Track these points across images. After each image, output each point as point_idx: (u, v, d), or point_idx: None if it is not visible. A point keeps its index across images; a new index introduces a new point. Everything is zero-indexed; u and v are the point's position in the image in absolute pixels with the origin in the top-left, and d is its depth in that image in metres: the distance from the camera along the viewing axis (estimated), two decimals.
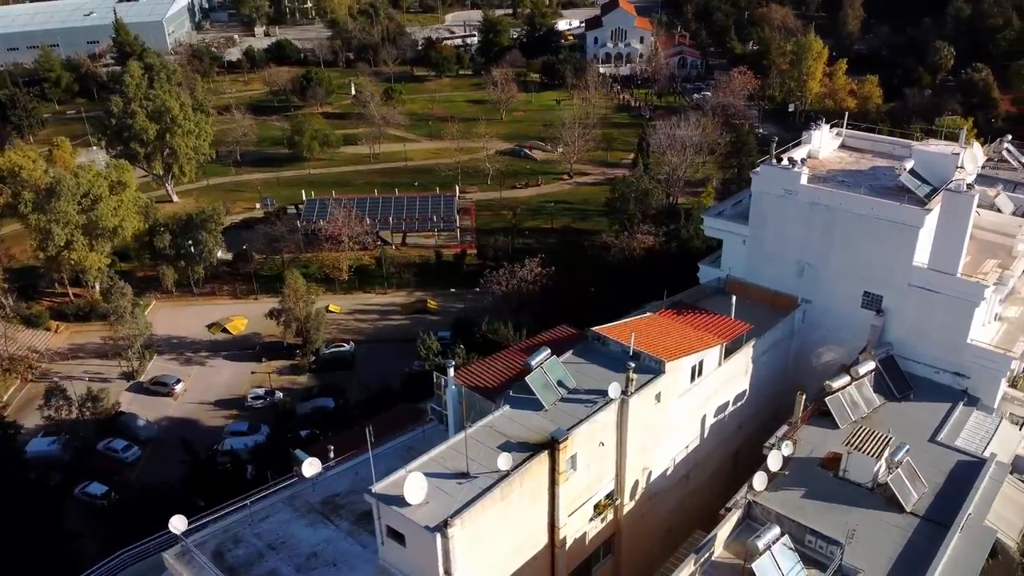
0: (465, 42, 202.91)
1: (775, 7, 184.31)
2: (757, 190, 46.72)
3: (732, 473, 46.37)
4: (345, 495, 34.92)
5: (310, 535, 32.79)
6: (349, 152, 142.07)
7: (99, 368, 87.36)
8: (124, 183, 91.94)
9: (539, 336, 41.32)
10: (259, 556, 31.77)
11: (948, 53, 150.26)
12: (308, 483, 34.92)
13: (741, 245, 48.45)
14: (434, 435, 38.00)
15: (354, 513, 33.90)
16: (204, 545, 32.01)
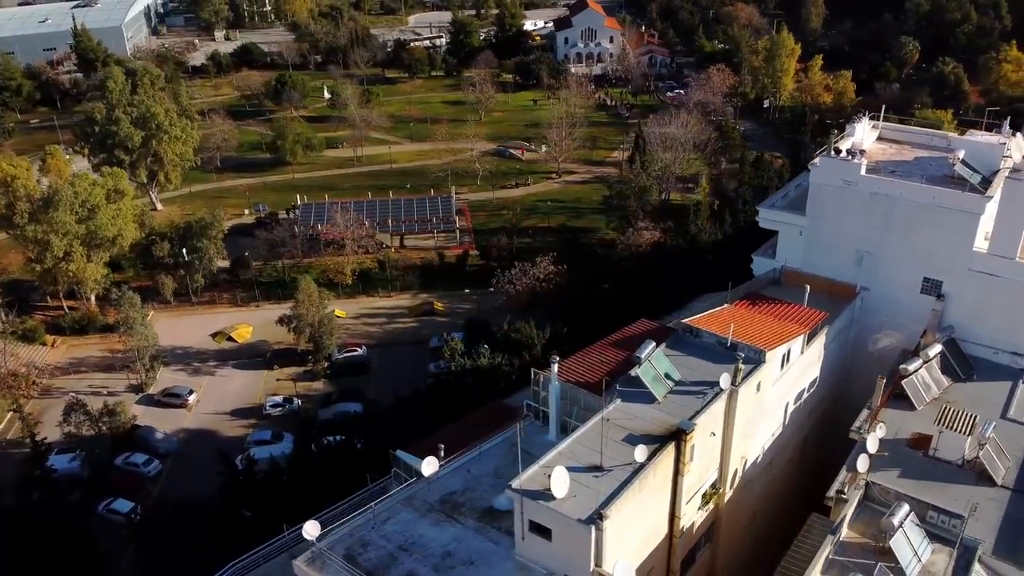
0: (434, 43, 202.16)
1: (741, 5, 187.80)
2: (816, 182, 47.87)
3: (801, 459, 47.48)
4: (462, 493, 34.81)
5: (438, 535, 32.63)
6: (331, 155, 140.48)
7: (103, 382, 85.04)
8: (121, 191, 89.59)
9: (624, 330, 41.59)
10: (392, 558, 31.51)
11: (913, 48, 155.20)
12: (424, 483, 34.71)
13: (797, 236, 49.55)
14: (533, 432, 38.10)
15: (476, 511, 33.83)
16: (333, 550, 31.61)
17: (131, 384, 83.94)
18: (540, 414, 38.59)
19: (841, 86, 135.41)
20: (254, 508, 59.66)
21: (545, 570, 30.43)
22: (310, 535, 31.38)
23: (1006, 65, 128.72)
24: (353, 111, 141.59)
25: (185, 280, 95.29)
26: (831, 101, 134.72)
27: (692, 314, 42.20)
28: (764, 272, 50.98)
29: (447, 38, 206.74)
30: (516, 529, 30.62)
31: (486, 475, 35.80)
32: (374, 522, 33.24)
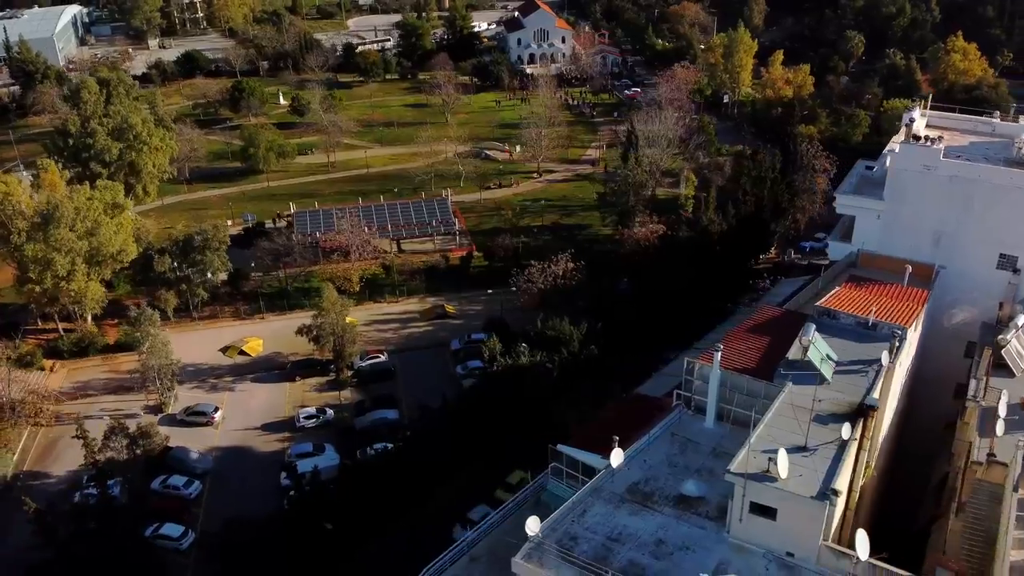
0: (383, 47, 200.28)
1: (687, 4, 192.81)
2: (896, 167, 50.23)
3: (895, 434, 49.73)
4: (645, 482, 35.28)
5: (641, 524, 33.06)
6: (303, 162, 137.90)
7: (116, 404, 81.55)
8: (120, 205, 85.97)
9: (754, 317, 42.78)
10: (607, 549, 31.77)
11: (859, 41, 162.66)
12: (608, 475, 35.08)
13: (874, 220, 51.82)
14: (688, 421, 38.93)
15: (668, 498, 34.39)
16: (547, 545, 31.71)
17: (147, 405, 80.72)
18: (690, 402, 39.39)
19: (800, 80, 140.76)
20: (331, 520, 58.81)
21: (764, 550, 31.26)
22: (531, 531, 31.36)
23: (954, 55, 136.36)
24: (322, 116, 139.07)
25: (184, 295, 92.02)
26: (792, 94, 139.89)
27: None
28: (843, 256, 53.01)
29: (394, 41, 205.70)
30: (733, 511, 31.34)
31: (660, 464, 36.41)
32: (573, 516, 33.41)
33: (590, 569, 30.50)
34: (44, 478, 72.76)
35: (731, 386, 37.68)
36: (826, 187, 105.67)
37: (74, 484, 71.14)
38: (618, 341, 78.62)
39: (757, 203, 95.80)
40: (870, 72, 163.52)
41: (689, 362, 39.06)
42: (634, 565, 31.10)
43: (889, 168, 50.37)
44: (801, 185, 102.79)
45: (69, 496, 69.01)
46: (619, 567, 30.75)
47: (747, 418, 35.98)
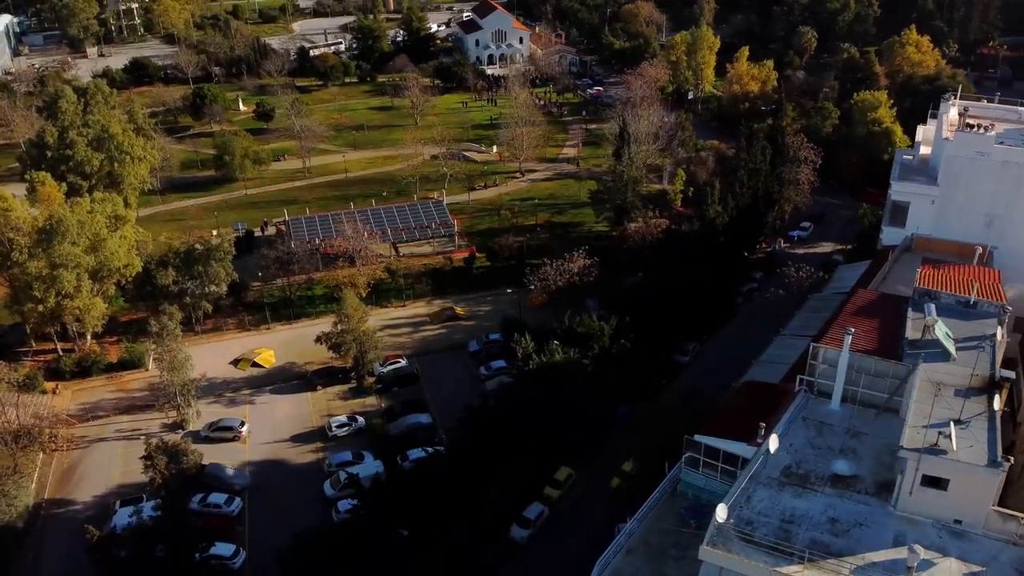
0: (337, 50, 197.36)
1: (640, 3, 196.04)
2: (950, 154, 52.67)
3: None
4: (797, 465, 36.30)
5: (808, 504, 34.04)
6: (277, 169, 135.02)
7: (132, 424, 78.70)
8: (122, 216, 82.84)
9: (854, 301, 44.25)
10: (785, 531, 32.64)
11: (812, 37, 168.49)
12: (761, 461, 35.94)
13: (928, 205, 54.22)
14: (815, 405, 40.11)
15: (823, 479, 35.47)
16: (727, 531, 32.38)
17: (166, 423, 78.06)
18: (813, 386, 40.59)
19: (764, 75, 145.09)
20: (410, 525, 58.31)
21: (931, 520, 32.63)
22: (720, 518, 31.95)
23: (909, 47, 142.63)
24: (294, 121, 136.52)
25: (187, 309, 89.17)
26: (757, 90, 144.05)
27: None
28: (898, 241, 55.23)
29: (346, 44, 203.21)
30: (903, 485, 32.60)
31: (804, 447, 37.49)
32: (740, 502, 34.16)
33: (778, 550, 31.29)
34: (69, 505, 69.64)
35: (858, 368, 38.98)
36: (812, 178, 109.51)
37: (103, 509, 68.42)
38: (641, 335, 79.95)
39: (753, 195, 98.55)
40: (825, 66, 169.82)
41: (814, 347, 40.20)
42: (817, 543, 32.05)
43: (944, 156, 52.70)
44: (787, 176, 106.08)
45: (102, 521, 66.32)
46: (803, 546, 31.64)
47: (874, 399, 37.46)
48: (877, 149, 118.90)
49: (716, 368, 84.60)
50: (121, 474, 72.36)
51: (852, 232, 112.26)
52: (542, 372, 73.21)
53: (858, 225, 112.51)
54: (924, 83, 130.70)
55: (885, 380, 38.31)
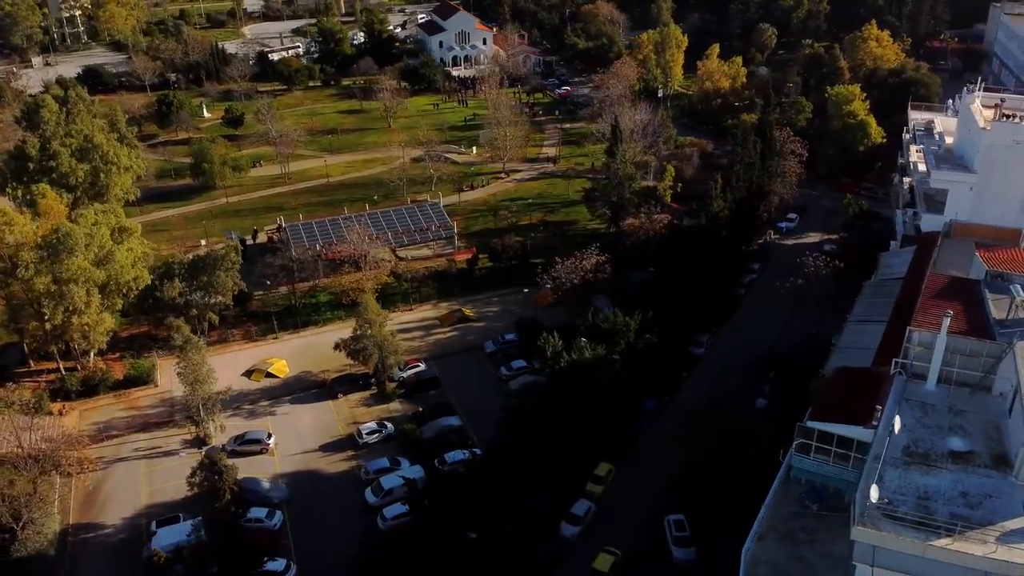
0: (296, 54, 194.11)
1: (600, 3, 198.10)
2: (988, 143, 54.99)
3: None
4: (914, 443, 37.50)
5: (937, 481, 35.18)
6: (256, 175, 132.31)
7: (150, 442, 76.22)
8: (127, 228, 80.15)
9: (928, 285, 45.81)
10: (925, 508, 33.65)
11: (771, 33, 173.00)
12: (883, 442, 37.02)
13: (966, 192, 56.52)
14: (912, 387, 41.49)
15: (942, 455, 36.75)
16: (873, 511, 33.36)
17: (186, 440, 75.87)
18: (910, 369, 41.94)
19: (734, 71, 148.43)
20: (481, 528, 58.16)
21: None
22: (874, 498, 32.83)
23: (871, 42, 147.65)
24: (271, 127, 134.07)
25: (192, 321, 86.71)
26: (728, 86, 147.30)
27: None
28: (937, 227, 57.44)
29: (303, 47, 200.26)
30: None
31: (915, 426, 38.76)
32: (872, 482, 35.15)
33: (924, 525, 32.38)
34: (98, 529, 67.12)
35: (952, 349, 40.48)
36: (799, 170, 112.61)
37: (135, 531, 66.20)
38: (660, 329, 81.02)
39: (749, 188, 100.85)
40: (783, 62, 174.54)
41: (910, 331, 41.52)
42: (956, 517, 33.24)
43: (982, 144, 54.99)
44: (775, 169, 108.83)
45: (136, 544, 64.34)
46: (946, 521, 32.81)
47: (968, 378, 39.03)
48: (852, 141, 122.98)
49: (732, 358, 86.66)
50: (148, 494, 70.12)
51: (836, 222, 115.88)
52: (573, 370, 73.56)
53: (841, 215, 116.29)
54: (891, 76, 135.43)
55: (979, 359, 39.92)
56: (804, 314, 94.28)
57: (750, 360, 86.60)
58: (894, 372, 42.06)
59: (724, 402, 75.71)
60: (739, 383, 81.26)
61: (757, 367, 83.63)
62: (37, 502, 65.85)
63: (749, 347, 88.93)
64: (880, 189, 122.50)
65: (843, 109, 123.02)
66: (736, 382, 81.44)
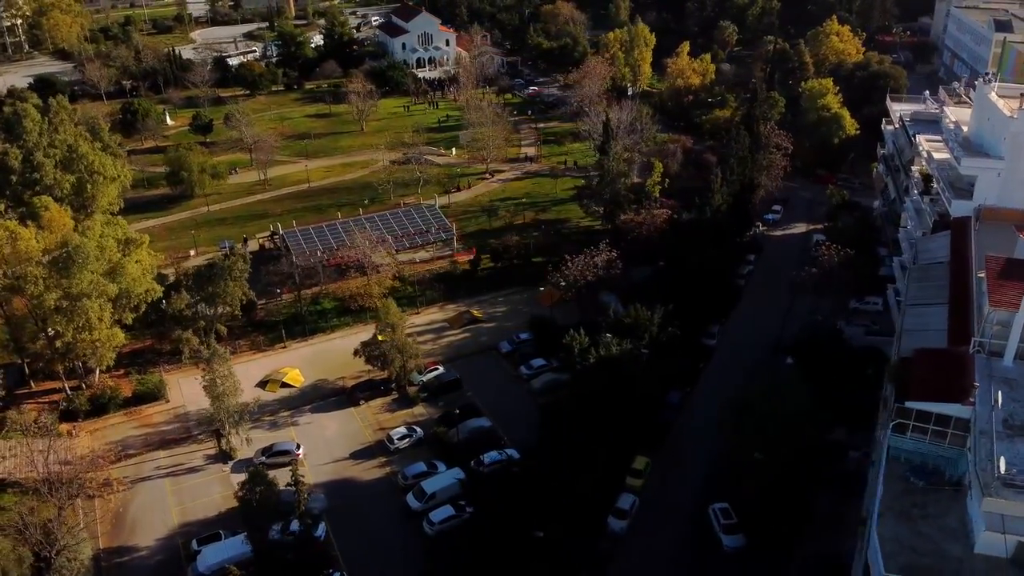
0: (254, 58, 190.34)
1: (560, 3, 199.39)
2: (1016, 131, 57.39)
3: None
4: (1011, 417, 38.96)
5: None
6: (233, 182, 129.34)
7: (171, 459, 73.83)
8: (133, 240, 77.52)
9: (989, 267, 47.54)
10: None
11: (732, 31, 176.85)
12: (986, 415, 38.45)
13: (995, 178, 58.94)
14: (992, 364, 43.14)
15: None
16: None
17: (210, 455, 73.82)
18: (987, 347, 43.61)
19: (703, 68, 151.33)
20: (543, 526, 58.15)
21: None
22: (1002, 470, 34.05)
23: (834, 38, 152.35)
24: (244, 132, 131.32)
25: (199, 333, 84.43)
26: (699, 83, 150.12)
27: None
28: (967, 212, 59.72)
29: (259, 51, 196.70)
30: None
31: (1007, 401, 40.30)
32: (988, 456, 36.52)
33: None
34: (132, 553, 64.72)
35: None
36: (785, 163, 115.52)
37: (171, 552, 64.17)
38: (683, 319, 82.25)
39: (742, 182, 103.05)
40: (740, 58, 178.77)
41: (989, 311, 43.16)
42: None
43: (1010, 132, 57.43)
44: (762, 163, 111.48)
45: (175, 565, 62.43)
46: None
47: None
48: (827, 134, 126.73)
49: (743, 348, 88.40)
50: (179, 513, 67.95)
51: (818, 212, 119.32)
52: (601, 366, 73.99)
53: (821, 206, 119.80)
54: (857, 70, 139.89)
55: None
56: (803, 302, 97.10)
57: (762, 348, 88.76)
58: (973, 351, 43.67)
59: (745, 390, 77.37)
60: (755, 372, 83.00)
61: (770, 355, 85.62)
62: (67, 528, 63.33)
63: (757, 336, 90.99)
64: (856, 179, 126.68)
65: (817, 103, 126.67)
66: (752, 371, 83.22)
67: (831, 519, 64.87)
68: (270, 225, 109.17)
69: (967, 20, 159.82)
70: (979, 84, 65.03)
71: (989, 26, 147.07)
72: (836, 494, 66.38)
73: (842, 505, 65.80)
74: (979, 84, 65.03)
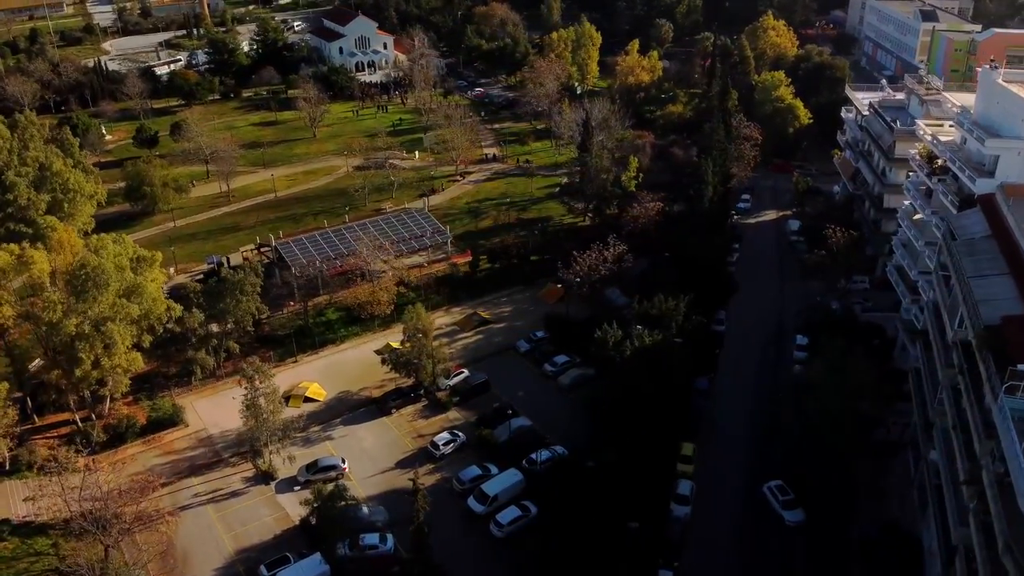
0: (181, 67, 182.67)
1: (495, 4, 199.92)
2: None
3: None
4: None
5: None
6: (194, 196, 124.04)
7: (209, 485, 70.45)
8: (145, 258, 73.53)
9: None
10: None
11: (668, 28, 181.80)
12: None
13: (1016, 157, 63.19)
14: None
15: None
16: None
17: (247, 477, 70.91)
18: None
19: (652, 65, 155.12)
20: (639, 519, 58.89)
21: None
22: None
23: (771, 32, 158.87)
24: (200, 143, 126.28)
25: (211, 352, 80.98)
26: (648, 80, 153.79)
27: None
28: (991, 189, 63.76)
29: (184, 61, 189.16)
30: None
31: None
32: None
33: None
34: None
35: None
36: (754, 154, 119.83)
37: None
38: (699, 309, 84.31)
39: (722, 173, 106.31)
40: (678, 55, 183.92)
41: None
42: None
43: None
44: (733, 154, 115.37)
45: None
46: None
47: None
48: (782, 124, 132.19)
49: (750, 331, 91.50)
50: (232, 540, 65.01)
51: (783, 200, 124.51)
52: (637, 357, 75.02)
53: (785, 193, 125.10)
54: (801, 62, 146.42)
55: None
56: (793, 285, 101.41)
57: (766, 330, 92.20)
58: None
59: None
60: (769, 353, 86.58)
61: (775, 336, 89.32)
62: (115, 569, 59.65)
63: (758, 319, 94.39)
64: (812, 166, 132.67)
65: (771, 95, 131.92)
66: (766, 352, 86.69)
67: (875, 490, 68.19)
68: (257, 237, 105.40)
69: (890, 12, 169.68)
70: (983, 71, 69.52)
71: (915, 16, 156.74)
72: (878, 465, 69.89)
73: (883, 476, 69.36)
74: (983, 71, 69.52)
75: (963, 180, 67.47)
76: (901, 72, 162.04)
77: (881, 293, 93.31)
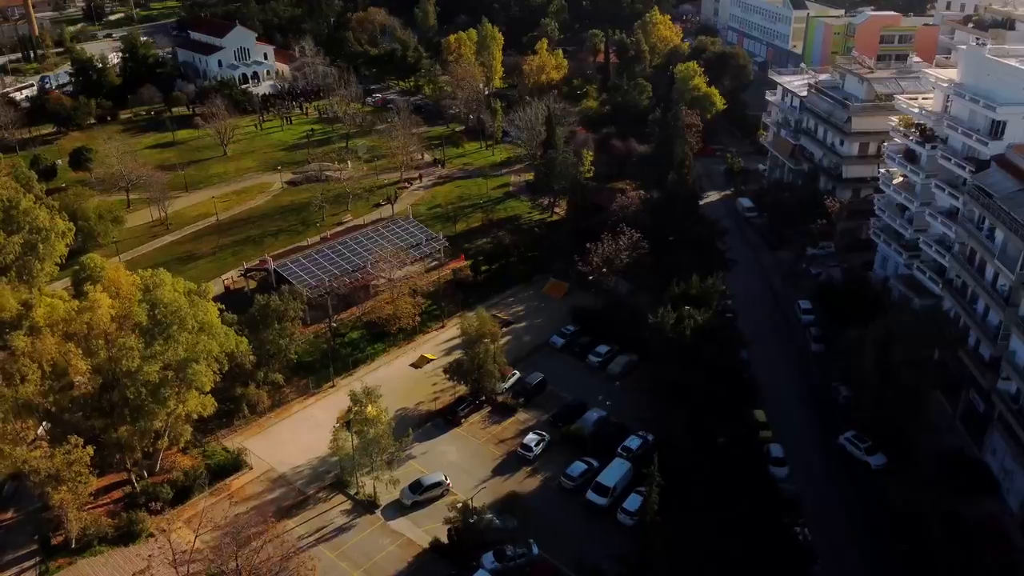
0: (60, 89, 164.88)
1: (373, 10, 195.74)
2: None
3: None
4: None
5: None
6: (128, 227, 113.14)
7: (306, 527, 65.63)
8: (195, 290, 67.07)
9: None
10: None
11: (555, 26, 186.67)
12: None
13: (1021, 120, 72.44)
14: None
15: None
16: None
17: (345, 510, 66.90)
18: None
19: (558, 62, 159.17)
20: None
21: None
22: None
23: (661, 26, 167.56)
24: (120, 171, 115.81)
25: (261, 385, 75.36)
26: (561, 77, 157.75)
27: None
28: (1000, 150, 72.67)
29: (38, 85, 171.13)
30: None
31: None
32: None
33: None
34: None
35: None
36: (699, 141, 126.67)
37: None
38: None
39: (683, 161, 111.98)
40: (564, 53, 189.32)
41: None
42: None
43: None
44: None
45: None
46: None
47: None
48: (701, 111, 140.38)
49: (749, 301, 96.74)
50: (365, 573, 61.30)
51: (718, 181, 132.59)
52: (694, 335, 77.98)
53: (716, 175, 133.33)
54: (699, 53, 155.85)
55: None
56: (763, 255, 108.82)
57: (765, 299, 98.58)
58: None
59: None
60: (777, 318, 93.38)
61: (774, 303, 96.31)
62: None
63: (751, 289, 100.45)
64: (730, 149, 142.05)
65: (688, 84, 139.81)
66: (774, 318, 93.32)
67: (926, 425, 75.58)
68: (243, 262, 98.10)
69: (757, 3, 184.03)
70: (967, 48, 78.92)
71: (786, 5, 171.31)
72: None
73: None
74: (967, 48, 78.92)
75: (972, 144, 76.10)
76: (772, 58, 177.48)
77: (847, 256, 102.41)
